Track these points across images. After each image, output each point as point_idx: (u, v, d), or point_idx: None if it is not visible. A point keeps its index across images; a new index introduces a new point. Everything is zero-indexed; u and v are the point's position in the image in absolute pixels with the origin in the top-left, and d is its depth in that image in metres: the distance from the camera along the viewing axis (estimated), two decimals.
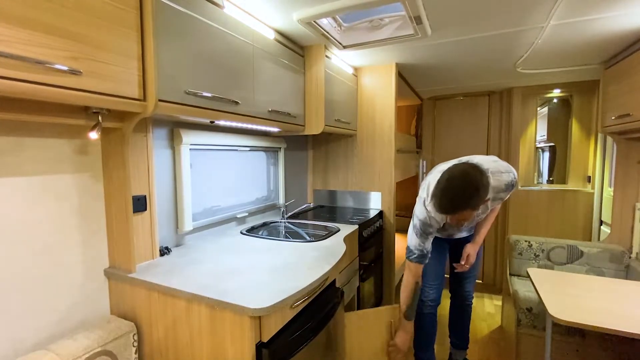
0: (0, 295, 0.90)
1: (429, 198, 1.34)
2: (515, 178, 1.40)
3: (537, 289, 1.57)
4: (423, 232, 1.41)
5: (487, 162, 1.39)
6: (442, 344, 2.19)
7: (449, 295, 1.95)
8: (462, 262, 1.62)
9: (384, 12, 1.58)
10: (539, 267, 2.26)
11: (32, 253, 0.96)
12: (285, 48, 1.62)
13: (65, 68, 0.74)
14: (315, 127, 1.83)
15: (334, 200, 2.47)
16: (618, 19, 1.48)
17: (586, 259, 2.15)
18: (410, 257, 1.47)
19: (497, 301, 2.97)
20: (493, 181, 1.32)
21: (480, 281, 3.22)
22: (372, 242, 2.03)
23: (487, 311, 2.76)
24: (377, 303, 2.22)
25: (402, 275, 1.59)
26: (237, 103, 1.28)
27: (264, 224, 1.89)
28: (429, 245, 1.44)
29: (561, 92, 3.02)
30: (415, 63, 2.13)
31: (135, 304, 1.10)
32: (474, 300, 1.92)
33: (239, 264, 1.20)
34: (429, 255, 1.46)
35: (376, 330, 1.65)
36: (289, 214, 2.15)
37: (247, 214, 1.85)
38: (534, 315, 1.92)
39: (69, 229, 1.05)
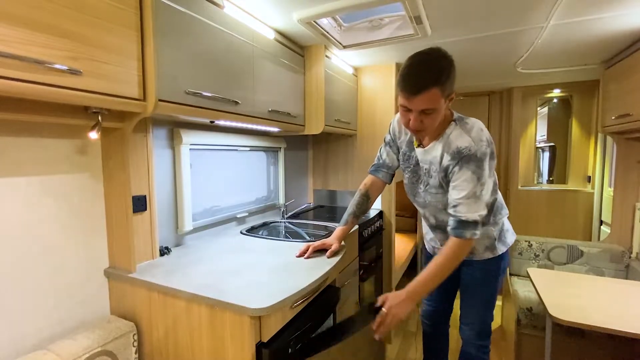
0: (1, 295, 0.90)
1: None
2: (472, 151, 1.06)
3: (537, 289, 1.57)
4: (383, 143, 1.41)
5: (475, 121, 1.17)
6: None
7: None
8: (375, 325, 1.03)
9: (384, 12, 1.58)
10: (539, 267, 2.26)
11: (32, 253, 0.96)
12: (285, 48, 1.62)
13: (64, 68, 0.73)
14: (315, 127, 1.83)
15: (334, 200, 2.47)
16: (618, 19, 1.48)
17: (586, 259, 2.15)
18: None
19: (497, 301, 2.97)
20: (455, 134, 1.11)
21: None
22: (372, 242, 2.03)
23: None
24: None
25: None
26: (237, 103, 1.28)
27: (264, 224, 1.89)
28: (385, 157, 1.38)
29: (561, 92, 3.02)
30: None
31: (135, 304, 1.10)
32: None
33: (239, 264, 1.20)
34: (383, 169, 1.40)
35: None
36: (289, 213, 2.15)
37: (247, 213, 1.85)
38: (534, 315, 1.92)
39: (69, 229, 1.05)
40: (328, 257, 1.27)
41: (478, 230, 1.08)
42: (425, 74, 0.99)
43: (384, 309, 1.02)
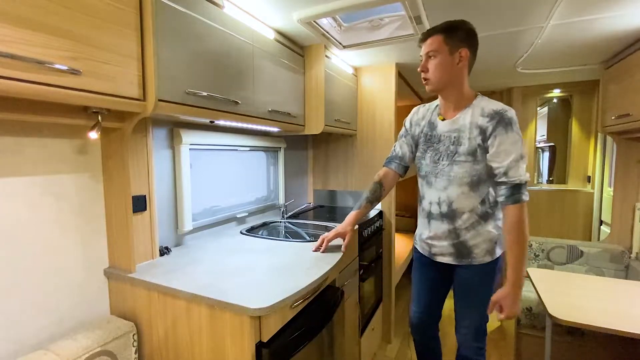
0: (0, 295, 0.90)
1: None
2: (509, 115, 1.15)
3: (537, 289, 1.57)
4: (397, 138, 1.50)
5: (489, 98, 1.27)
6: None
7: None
8: (494, 310, 1.21)
9: (384, 12, 1.58)
10: (539, 267, 2.26)
11: (31, 253, 0.96)
12: (285, 48, 1.62)
13: (64, 68, 0.73)
14: (315, 127, 1.83)
15: (334, 200, 2.47)
16: (618, 19, 1.48)
17: (586, 259, 2.15)
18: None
19: None
20: (484, 101, 1.23)
21: None
22: (372, 242, 2.03)
23: None
24: (377, 303, 2.22)
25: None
26: (237, 103, 1.28)
27: (264, 224, 1.89)
28: (399, 149, 1.46)
29: (561, 92, 3.02)
30: (415, 63, 2.13)
31: (135, 304, 1.10)
32: None
33: (239, 264, 1.20)
34: (395, 161, 1.46)
35: None
36: (289, 213, 2.14)
37: (247, 213, 1.85)
38: (534, 315, 1.92)
39: (69, 229, 1.05)
40: (343, 251, 1.36)
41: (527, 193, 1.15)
42: (434, 27, 1.21)
43: (501, 315, 1.18)
